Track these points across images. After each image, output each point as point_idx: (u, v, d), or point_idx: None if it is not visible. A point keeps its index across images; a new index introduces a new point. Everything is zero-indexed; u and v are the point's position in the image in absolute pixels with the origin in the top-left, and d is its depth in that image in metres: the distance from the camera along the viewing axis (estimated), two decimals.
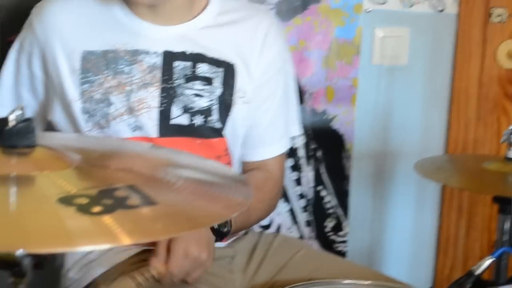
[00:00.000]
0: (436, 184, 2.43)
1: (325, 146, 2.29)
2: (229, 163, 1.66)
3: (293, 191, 2.28)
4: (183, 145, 1.58)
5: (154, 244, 1.52)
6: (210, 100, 1.61)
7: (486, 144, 2.40)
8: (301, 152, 2.27)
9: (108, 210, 0.84)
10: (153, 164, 1.02)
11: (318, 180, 2.30)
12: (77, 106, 1.57)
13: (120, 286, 1.49)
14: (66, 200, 0.84)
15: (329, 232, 2.33)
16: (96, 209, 0.84)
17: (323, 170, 2.30)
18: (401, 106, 2.37)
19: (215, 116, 1.62)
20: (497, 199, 1.65)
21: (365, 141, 2.35)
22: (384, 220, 2.43)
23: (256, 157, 1.71)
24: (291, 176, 2.27)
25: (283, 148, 1.75)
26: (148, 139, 1.58)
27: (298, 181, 2.28)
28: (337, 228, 2.34)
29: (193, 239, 1.45)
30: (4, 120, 0.92)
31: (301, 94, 2.22)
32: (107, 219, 0.82)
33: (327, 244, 2.31)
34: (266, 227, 2.26)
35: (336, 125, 2.29)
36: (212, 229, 1.51)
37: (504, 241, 1.63)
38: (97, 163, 0.97)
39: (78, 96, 1.57)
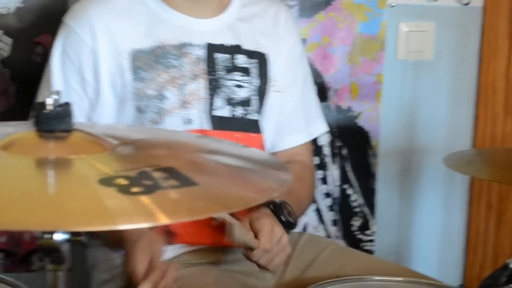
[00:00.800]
0: (464, 180, 2.42)
1: (351, 143, 2.29)
2: None
3: (319, 190, 2.28)
4: (224, 138, 1.57)
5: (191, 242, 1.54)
6: (249, 91, 1.65)
7: None
8: (326, 150, 2.27)
9: (147, 190, 0.84)
10: (193, 150, 1.03)
11: (344, 179, 2.30)
12: (129, 105, 1.58)
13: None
14: (106, 181, 0.85)
15: (356, 231, 2.33)
16: (136, 189, 0.84)
17: (348, 168, 2.30)
18: (427, 101, 2.37)
19: (253, 107, 1.66)
20: None
21: (391, 138, 2.34)
22: (412, 218, 2.42)
23: (284, 145, 1.75)
24: (317, 174, 2.27)
25: (309, 135, 1.79)
26: (198, 132, 1.59)
27: (324, 180, 2.28)
28: (364, 227, 2.33)
29: (274, 222, 1.50)
30: (42, 105, 0.93)
31: (325, 91, 2.23)
32: (146, 199, 0.82)
33: (354, 243, 2.31)
34: None
35: (361, 122, 2.29)
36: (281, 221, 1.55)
37: None
38: (135, 147, 0.98)
39: (131, 95, 1.58)
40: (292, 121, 1.74)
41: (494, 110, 2.40)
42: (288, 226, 1.56)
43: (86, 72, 1.59)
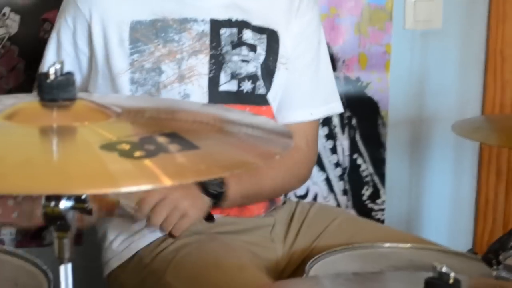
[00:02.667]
0: (474, 148, 2.43)
1: (360, 113, 2.30)
2: None
3: (329, 159, 2.30)
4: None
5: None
6: (256, 66, 1.65)
7: None
8: (336, 121, 2.29)
9: (150, 154, 0.87)
10: (196, 116, 1.05)
11: (354, 148, 2.31)
12: (125, 76, 1.60)
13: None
14: (109, 147, 0.87)
15: (366, 200, 2.34)
16: (138, 153, 0.87)
17: (358, 138, 2.31)
18: (436, 70, 2.37)
19: (261, 82, 1.65)
20: None
21: (400, 107, 2.35)
22: (422, 186, 2.43)
23: (278, 120, 1.69)
24: (326, 144, 2.28)
25: (309, 115, 1.73)
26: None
27: (334, 150, 2.30)
28: (374, 196, 2.35)
29: (176, 190, 1.48)
30: (44, 75, 0.95)
31: (334, 61, 2.23)
32: (149, 162, 0.85)
33: (365, 212, 2.32)
34: (303, 196, 2.28)
35: (370, 92, 2.30)
36: (205, 188, 1.53)
37: None
38: (138, 115, 1.00)
39: (127, 67, 1.60)
40: (291, 97, 1.70)
41: (503, 77, 2.40)
42: (211, 195, 1.54)
43: (79, 38, 1.63)
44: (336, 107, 1.78)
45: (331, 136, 2.29)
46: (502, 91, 2.40)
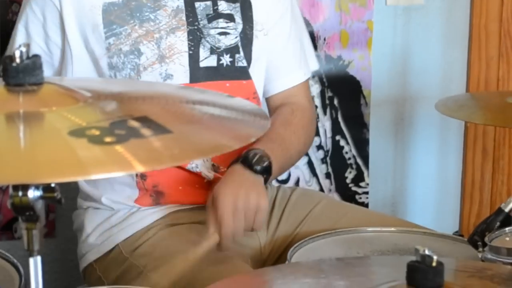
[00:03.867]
0: (459, 127, 2.43)
1: (342, 93, 2.30)
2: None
3: None
4: (213, 89, 1.58)
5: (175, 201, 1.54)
6: (235, 37, 1.64)
7: (510, 81, 2.39)
8: (317, 101, 2.28)
9: (120, 140, 0.85)
10: (168, 99, 1.03)
11: (336, 130, 2.31)
12: (103, 62, 1.57)
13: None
14: (77, 132, 0.86)
15: (349, 183, 2.35)
16: (109, 139, 0.85)
17: (340, 119, 2.31)
18: (419, 47, 2.37)
19: (241, 54, 1.65)
20: None
21: (383, 86, 2.35)
22: (407, 167, 2.44)
23: (276, 89, 1.72)
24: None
25: (303, 75, 1.75)
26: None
27: (316, 132, 2.29)
28: (358, 179, 2.35)
29: (235, 189, 1.47)
30: (9, 58, 0.93)
31: (315, 40, 2.23)
32: (120, 148, 0.84)
33: (349, 196, 2.33)
34: (285, 181, 2.27)
35: (352, 71, 2.29)
36: (255, 170, 1.52)
37: None
38: (109, 99, 0.99)
39: (104, 51, 1.57)
40: (284, 62, 1.72)
41: (488, 53, 2.40)
42: (263, 172, 1.54)
43: (49, 28, 1.59)
44: (314, 63, 1.81)
45: None
46: (487, 67, 2.41)
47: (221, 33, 1.63)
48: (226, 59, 1.63)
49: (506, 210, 1.43)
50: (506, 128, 2.36)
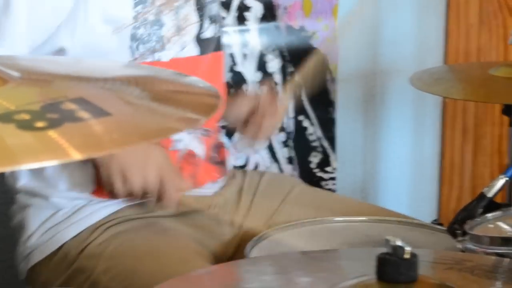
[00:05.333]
0: (436, 103, 2.46)
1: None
2: None
3: None
4: (217, 60, 1.68)
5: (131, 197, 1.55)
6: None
7: (492, 51, 2.42)
8: (277, 77, 2.29)
9: (53, 124, 0.85)
10: (108, 78, 1.03)
11: (299, 109, 2.32)
12: (124, 33, 1.57)
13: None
14: (5, 117, 0.85)
15: (314, 168, 2.36)
16: (40, 124, 0.85)
17: (303, 97, 2.32)
18: (391, 15, 2.39)
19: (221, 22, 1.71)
20: (507, 110, 1.67)
21: (351, 59, 2.37)
22: (378, 149, 2.46)
23: None
24: None
25: None
26: (188, 59, 1.62)
27: None
28: (324, 163, 2.36)
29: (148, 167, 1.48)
30: None
31: (274, 9, 2.23)
32: (53, 133, 0.83)
33: (314, 182, 2.33)
34: (242, 167, 2.28)
35: (316, 43, 2.30)
36: None
37: None
38: (41, 79, 0.98)
39: (130, 21, 1.58)
40: None
41: (468, 21, 2.42)
42: None
43: None
44: None
45: None
46: (466, 36, 2.43)
47: (213, 1, 1.68)
48: (215, 28, 1.68)
49: (489, 195, 1.45)
50: (488, 104, 2.38)
